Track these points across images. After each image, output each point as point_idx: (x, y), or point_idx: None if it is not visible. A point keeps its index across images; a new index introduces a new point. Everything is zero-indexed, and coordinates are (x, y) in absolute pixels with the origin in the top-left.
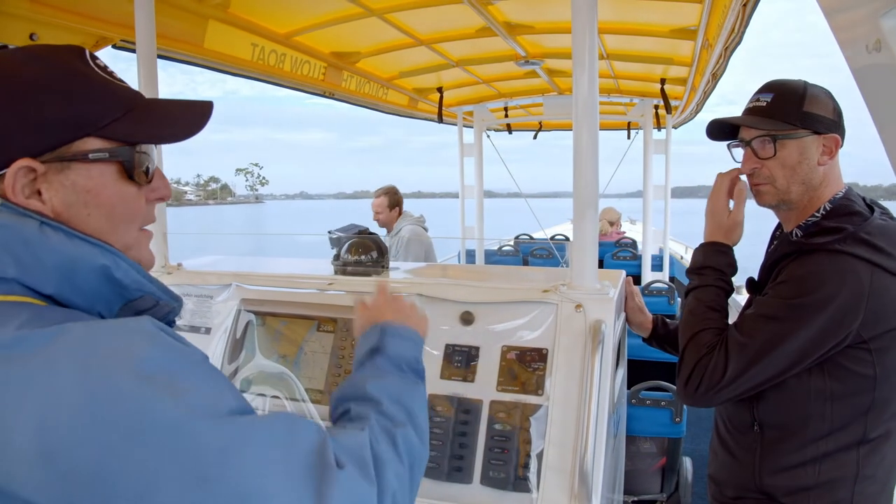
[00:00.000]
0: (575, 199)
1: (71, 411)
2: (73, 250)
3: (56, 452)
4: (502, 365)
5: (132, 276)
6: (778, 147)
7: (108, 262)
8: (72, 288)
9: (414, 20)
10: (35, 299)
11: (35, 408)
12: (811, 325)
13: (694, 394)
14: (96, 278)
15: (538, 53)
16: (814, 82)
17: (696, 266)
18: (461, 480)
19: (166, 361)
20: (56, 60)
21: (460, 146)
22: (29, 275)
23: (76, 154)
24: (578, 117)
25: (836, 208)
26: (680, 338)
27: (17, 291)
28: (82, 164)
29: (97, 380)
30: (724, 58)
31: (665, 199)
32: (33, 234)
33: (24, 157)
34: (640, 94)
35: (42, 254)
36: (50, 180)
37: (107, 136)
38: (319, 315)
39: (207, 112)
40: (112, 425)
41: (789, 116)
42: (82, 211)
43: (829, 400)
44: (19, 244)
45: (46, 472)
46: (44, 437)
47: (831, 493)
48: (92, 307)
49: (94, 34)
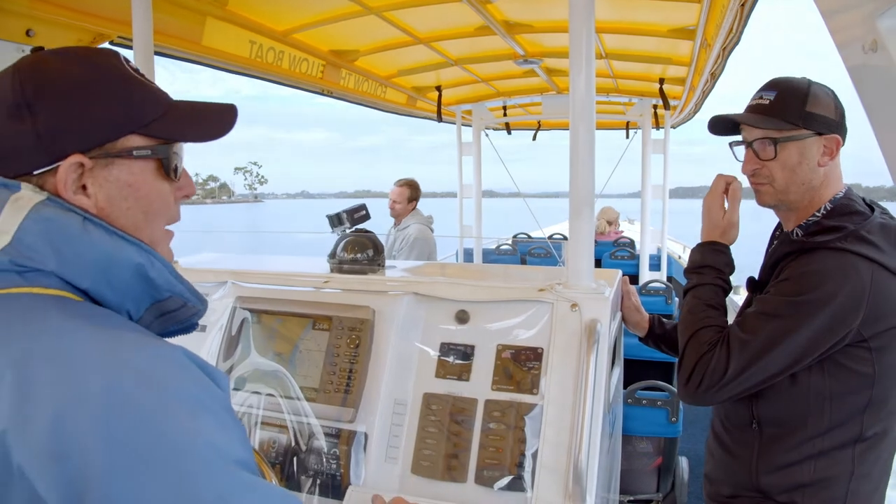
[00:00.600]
0: (571, 197)
1: (90, 419)
2: (112, 247)
3: (66, 455)
4: (497, 364)
5: (165, 276)
6: (779, 149)
7: (143, 260)
8: (106, 284)
9: (413, 18)
10: (71, 293)
11: (56, 406)
12: (813, 322)
13: (695, 392)
14: (131, 276)
15: (537, 52)
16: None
17: (694, 265)
18: (455, 479)
19: (192, 394)
20: (99, 62)
21: (459, 145)
22: (68, 269)
23: (121, 151)
24: (575, 116)
25: (837, 208)
26: (680, 337)
27: (54, 285)
28: (126, 161)
29: (122, 395)
30: (722, 57)
31: (663, 199)
32: (76, 229)
33: (76, 152)
34: (639, 94)
35: (82, 249)
36: (96, 175)
37: (149, 134)
38: (315, 313)
39: (234, 114)
40: (126, 443)
41: (791, 116)
42: (123, 205)
43: (828, 398)
44: (62, 238)
45: (55, 472)
46: (58, 437)
47: (826, 491)
48: (122, 304)
49: (92, 30)
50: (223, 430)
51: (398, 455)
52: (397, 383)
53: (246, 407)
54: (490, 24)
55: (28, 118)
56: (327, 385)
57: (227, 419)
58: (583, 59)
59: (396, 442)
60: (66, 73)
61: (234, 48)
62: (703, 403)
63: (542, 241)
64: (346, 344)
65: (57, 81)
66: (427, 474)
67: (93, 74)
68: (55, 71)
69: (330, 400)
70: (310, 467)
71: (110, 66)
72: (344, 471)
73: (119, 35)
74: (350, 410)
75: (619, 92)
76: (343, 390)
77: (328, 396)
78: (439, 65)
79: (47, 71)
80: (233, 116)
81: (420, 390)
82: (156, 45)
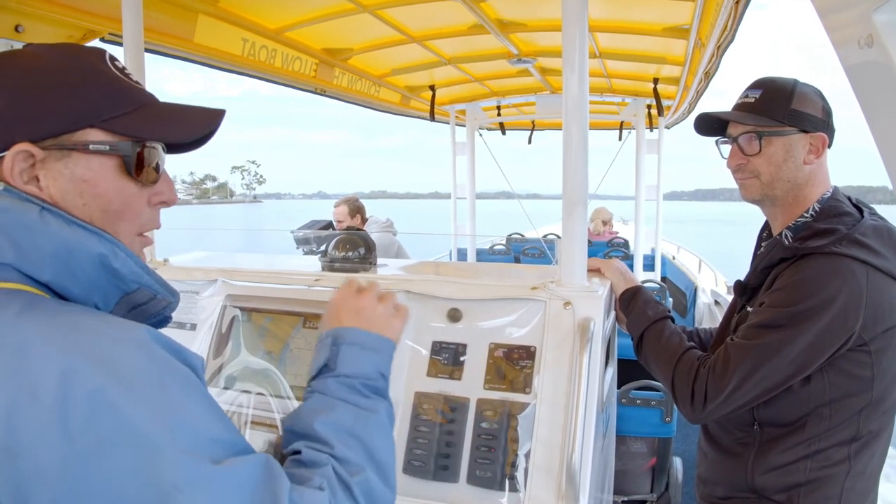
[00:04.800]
0: (564, 195)
1: (43, 412)
2: (71, 237)
3: (17, 451)
4: (490, 363)
5: (130, 267)
6: (764, 144)
7: (105, 250)
8: (68, 276)
9: (406, 16)
10: (32, 287)
11: (7, 400)
12: (813, 328)
13: (703, 408)
14: (93, 267)
15: (531, 52)
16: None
17: (635, 313)
18: (447, 479)
19: (153, 374)
20: (72, 55)
21: (453, 145)
22: (26, 260)
23: (76, 144)
24: (568, 113)
25: (826, 209)
26: (661, 367)
27: (12, 278)
28: (82, 155)
29: (77, 385)
30: (716, 56)
31: (657, 200)
32: (33, 219)
33: (25, 141)
34: (633, 94)
35: (40, 240)
36: (48, 167)
37: (110, 130)
38: (305, 311)
39: (218, 118)
40: (84, 432)
41: (776, 113)
42: (77, 200)
43: (828, 402)
44: (19, 229)
45: (5, 468)
46: (8, 432)
47: (822, 489)
48: (88, 298)
49: (82, 27)
50: (188, 409)
51: None
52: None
53: (236, 406)
54: (483, 23)
55: None
56: None
57: (194, 397)
58: (576, 57)
59: None
60: (30, 64)
61: (226, 46)
62: (711, 419)
63: (536, 241)
64: None
65: (20, 72)
66: (418, 474)
67: (58, 65)
68: (22, 61)
69: None
70: None
71: (82, 61)
72: None
73: (110, 32)
74: None
75: (612, 92)
76: None
77: None
78: (433, 64)
79: (13, 61)
80: (216, 120)
81: (411, 389)
82: (148, 42)
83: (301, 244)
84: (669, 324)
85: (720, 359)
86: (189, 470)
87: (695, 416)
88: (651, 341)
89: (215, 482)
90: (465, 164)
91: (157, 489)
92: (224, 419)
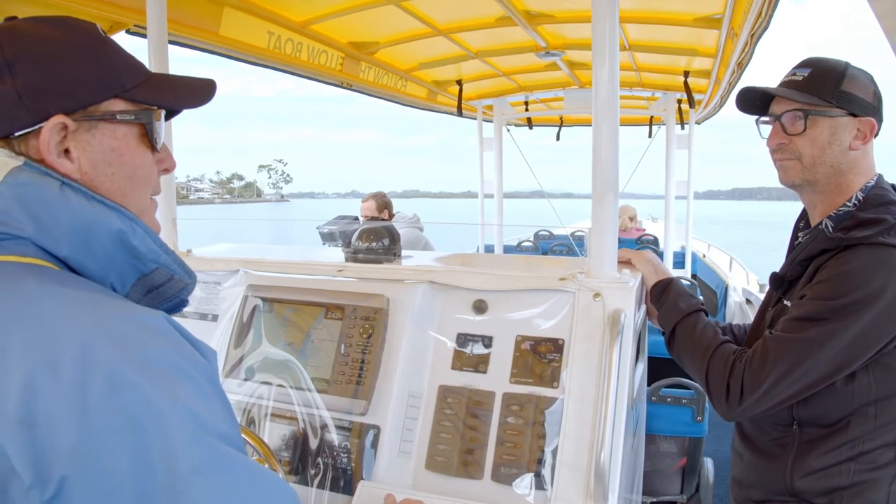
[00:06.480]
0: (594, 184)
1: (62, 386)
2: (91, 212)
3: (36, 423)
4: (516, 356)
5: (148, 245)
6: (809, 123)
7: (124, 227)
8: (86, 252)
9: (432, 8)
10: (49, 262)
11: (27, 372)
12: (858, 323)
13: (739, 404)
14: (112, 243)
15: (559, 44)
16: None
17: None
18: (472, 476)
19: (172, 361)
20: (82, 29)
21: (480, 141)
22: (45, 235)
23: (105, 114)
24: (598, 106)
25: (870, 198)
26: (694, 363)
27: (31, 253)
28: (109, 125)
29: (96, 361)
30: (749, 45)
31: (688, 195)
32: (53, 194)
33: (60, 113)
34: (663, 88)
35: (60, 214)
36: (79, 139)
37: (132, 99)
38: (327, 302)
39: (213, 86)
40: (102, 411)
41: (825, 93)
42: (107, 170)
43: (873, 401)
44: (38, 203)
45: (24, 441)
46: (27, 405)
47: (867, 493)
48: (105, 276)
49: (108, 18)
50: (204, 399)
51: (412, 450)
52: (412, 375)
53: (256, 398)
54: (511, 14)
55: (8, 78)
56: (339, 376)
57: (210, 390)
58: (606, 48)
59: (410, 436)
60: (45, 35)
61: (252, 38)
62: (746, 416)
63: (564, 238)
64: (358, 333)
65: (37, 42)
66: (442, 470)
67: (72, 37)
68: (34, 34)
69: (341, 391)
70: (320, 461)
71: (87, 31)
72: (355, 465)
73: (136, 24)
74: (362, 402)
75: (642, 86)
76: (355, 381)
77: (339, 388)
78: (460, 58)
79: (26, 34)
80: (211, 87)
81: (435, 382)
82: (174, 34)
83: (327, 240)
84: (703, 317)
85: (758, 352)
86: (207, 455)
87: (730, 412)
88: (684, 334)
89: (237, 466)
90: (492, 161)
91: (173, 473)
92: (233, 416)
